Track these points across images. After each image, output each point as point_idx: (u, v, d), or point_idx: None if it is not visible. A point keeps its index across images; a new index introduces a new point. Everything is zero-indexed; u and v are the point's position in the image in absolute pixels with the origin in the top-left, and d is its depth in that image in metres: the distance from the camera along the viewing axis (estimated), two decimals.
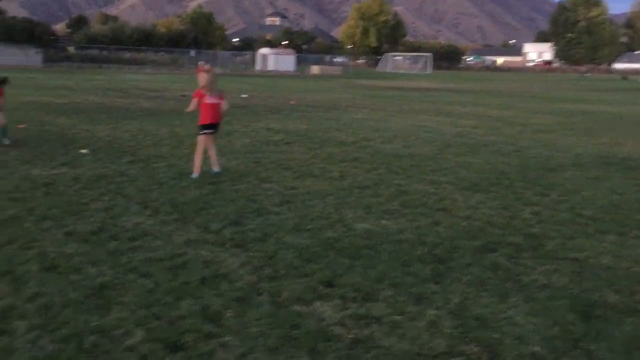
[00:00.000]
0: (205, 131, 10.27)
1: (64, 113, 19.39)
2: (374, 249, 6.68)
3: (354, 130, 17.80)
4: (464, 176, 11.09)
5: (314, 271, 5.91)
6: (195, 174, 10.24)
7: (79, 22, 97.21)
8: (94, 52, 73.44)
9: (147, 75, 55.63)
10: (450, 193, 9.66)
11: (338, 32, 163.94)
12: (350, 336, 4.63)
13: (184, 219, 7.69)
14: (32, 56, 62.20)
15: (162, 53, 77.94)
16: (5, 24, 61.88)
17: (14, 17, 69.90)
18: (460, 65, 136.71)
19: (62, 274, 5.62)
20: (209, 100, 10.19)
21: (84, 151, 12.22)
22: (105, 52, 73.08)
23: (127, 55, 75.18)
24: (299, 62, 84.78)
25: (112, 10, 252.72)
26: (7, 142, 12.59)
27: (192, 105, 10.24)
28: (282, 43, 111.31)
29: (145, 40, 78.42)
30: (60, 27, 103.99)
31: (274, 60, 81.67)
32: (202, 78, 10.21)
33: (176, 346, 4.36)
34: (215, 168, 10.50)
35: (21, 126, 15.32)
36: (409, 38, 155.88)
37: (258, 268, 5.97)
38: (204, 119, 10.24)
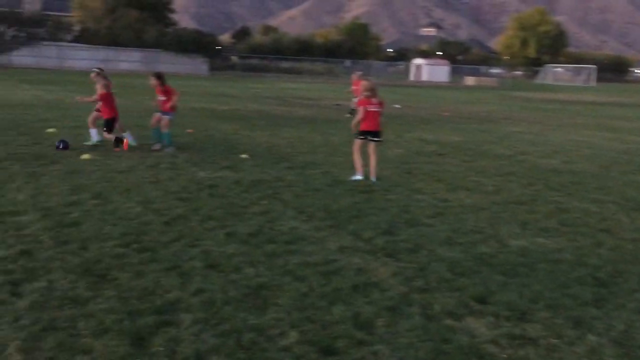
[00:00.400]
0: (362, 136, 10.72)
1: (227, 119, 20.46)
2: (530, 267, 6.45)
3: (510, 143, 17.28)
4: (632, 196, 10.41)
5: (466, 286, 5.82)
6: (358, 176, 10.71)
7: (242, 33, 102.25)
8: (255, 61, 76.88)
9: (304, 83, 57.34)
10: (615, 213, 9.11)
11: (495, 43, 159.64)
12: (503, 356, 4.51)
13: (338, 225, 7.84)
14: (199, 65, 66.22)
15: (318, 63, 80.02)
16: (177, 35, 66.42)
17: (185, 29, 74.90)
18: (628, 78, 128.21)
19: (223, 272, 5.94)
20: (371, 107, 10.57)
21: (244, 156, 12.82)
22: (265, 62, 76.24)
23: (286, 64, 77.99)
24: (454, 72, 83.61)
25: (273, 22, 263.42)
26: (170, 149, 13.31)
27: (360, 114, 10.60)
28: (437, 53, 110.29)
29: (303, 50, 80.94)
30: (225, 38, 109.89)
31: (428, 70, 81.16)
32: (365, 86, 10.62)
33: (329, 350, 4.46)
34: (373, 177, 10.74)
35: (190, 131, 16.35)
36: (571, 49, 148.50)
37: (409, 279, 5.97)
38: (365, 125, 10.61)
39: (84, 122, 17.17)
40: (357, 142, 10.84)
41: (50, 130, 15.17)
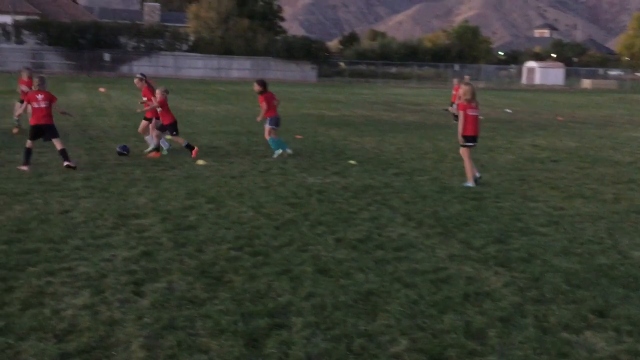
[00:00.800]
0: (468, 143, 10.62)
1: (335, 125, 20.66)
2: None
3: (631, 149, 16.42)
4: None
5: (584, 298, 5.58)
6: (469, 183, 10.66)
7: (350, 39, 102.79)
8: (363, 67, 77.12)
9: (411, 89, 56.99)
10: None
11: (614, 44, 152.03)
12: None
13: (447, 233, 7.75)
14: (307, 72, 67.22)
15: (426, 67, 79.22)
16: (286, 43, 67.74)
17: (294, 36, 76.23)
18: None
19: (333, 277, 6.01)
20: (471, 112, 10.45)
21: (352, 162, 12.91)
22: (372, 67, 76.31)
23: (393, 69, 77.75)
24: (569, 75, 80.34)
25: (380, 27, 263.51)
26: (289, 151, 13.62)
27: (462, 119, 10.46)
28: (551, 56, 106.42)
29: (410, 55, 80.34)
30: (333, 44, 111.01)
31: (541, 73, 78.42)
32: (465, 91, 10.48)
33: (439, 359, 4.42)
34: (468, 183, 10.74)
35: (299, 137, 16.65)
36: None
37: (523, 289, 5.80)
38: (467, 130, 10.47)
39: (199, 129, 17.92)
40: (465, 150, 10.66)
41: (168, 137, 15.86)
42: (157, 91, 12.79)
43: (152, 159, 12.44)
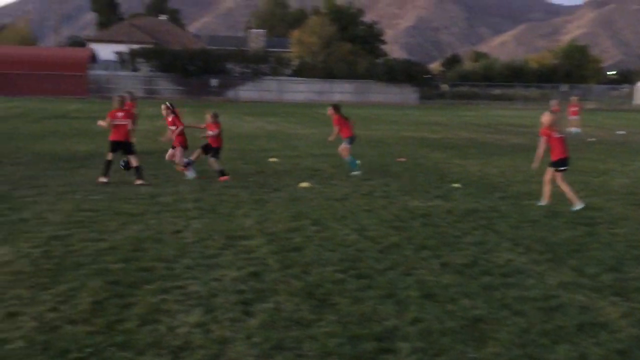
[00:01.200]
0: (562, 167, 10.57)
1: (437, 147, 20.44)
2: None
3: None
4: None
5: None
6: (579, 205, 10.40)
7: (452, 61, 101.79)
8: (465, 88, 76.00)
9: (516, 110, 55.59)
10: None
11: None
12: None
13: (557, 259, 7.48)
14: (409, 94, 67.03)
15: (532, 88, 77.11)
16: (387, 66, 67.90)
17: (395, 59, 76.35)
18: None
19: (439, 302, 5.93)
20: (557, 135, 10.56)
21: (456, 185, 12.72)
22: (475, 89, 75.12)
23: (497, 91, 76.12)
24: None
25: (483, 48, 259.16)
26: (357, 172, 13.85)
27: (542, 145, 10.44)
28: None
29: (515, 75, 78.50)
30: (434, 66, 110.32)
31: None
32: (547, 118, 10.55)
33: None
34: (577, 205, 10.42)
35: (401, 160, 16.59)
36: None
37: None
38: (558, 153, 10.51)
39: (302, 152, 18.23)
40: (558, 174, 10.57)
41: (273, 159, 16.25)
42: (211, 117, 13.00)
43: (256, 181, 12.74)
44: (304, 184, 12.42)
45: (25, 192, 10.92)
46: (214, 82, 62.68)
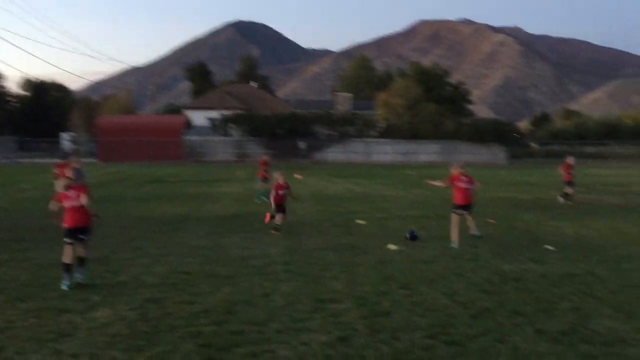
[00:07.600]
0: None
1: (529, 208, 19.92)
2: None
3: None
4: None
5: None
6: None
7: (541, 119, 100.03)
8: (556, 147, 74.18)
9: (611, 169, 53.58)
10: None
11: None
12: None
13: None
14: (497, 153, 65.99)
15: (627, 145, 74.32)
16: (475, 125, 67.36)
17: (482, 119, 75.70)
18: None
19: None
20: None
21: (550, 247, 12.32)
22: (566, 147, 73.14)
23: (590, 149, 73.87)
24: None
25: (574, 106, 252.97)
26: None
27: None
28: None
29: (609, 133, 76.13)
30: (523, 125, 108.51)
31: None
32: None
33: None
34: None
35: (491, 221, 16.24)
36: None
37: None
38: None
39: (390, 213, 18.18)
40: None
41: (360, 221, 16.27)
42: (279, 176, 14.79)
43: (344, 243, 12.77)
44: (392, 246, 12.35)
45: (124, 255, 11.38)
46: (302, 144, 63.90)
